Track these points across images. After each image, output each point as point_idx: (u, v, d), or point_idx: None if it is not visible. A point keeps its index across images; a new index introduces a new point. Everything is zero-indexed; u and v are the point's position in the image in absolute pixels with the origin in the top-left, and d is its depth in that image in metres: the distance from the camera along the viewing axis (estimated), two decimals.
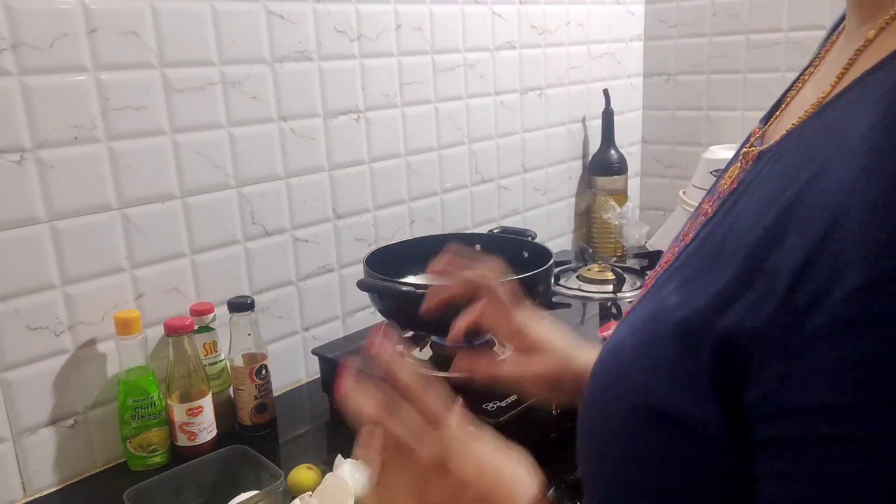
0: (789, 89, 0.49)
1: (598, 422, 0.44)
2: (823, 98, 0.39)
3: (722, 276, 0.35)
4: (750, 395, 0.32)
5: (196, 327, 0.95)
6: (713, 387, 0.34)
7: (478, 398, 0.89)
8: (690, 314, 0.36)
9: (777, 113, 0.48)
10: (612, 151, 1.64)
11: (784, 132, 0.41)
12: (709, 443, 0.35)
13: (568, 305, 1.24)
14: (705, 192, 0.51)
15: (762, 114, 0.50)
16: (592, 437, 0.45)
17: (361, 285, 0.96)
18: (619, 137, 1.68)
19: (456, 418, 0.47)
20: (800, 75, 0.49)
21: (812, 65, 0.48)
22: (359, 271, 1.09)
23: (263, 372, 1.00)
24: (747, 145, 0.47)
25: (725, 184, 0.46)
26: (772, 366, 0.31)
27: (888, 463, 0.27)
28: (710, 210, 0.46)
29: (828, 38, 0.49)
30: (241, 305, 0.98)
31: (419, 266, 1.17)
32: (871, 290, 0.27)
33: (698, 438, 0.35)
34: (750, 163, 0.44)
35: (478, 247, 1.19)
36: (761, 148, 0.44)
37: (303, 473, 0.84)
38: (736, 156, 0.49)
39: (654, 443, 0.38)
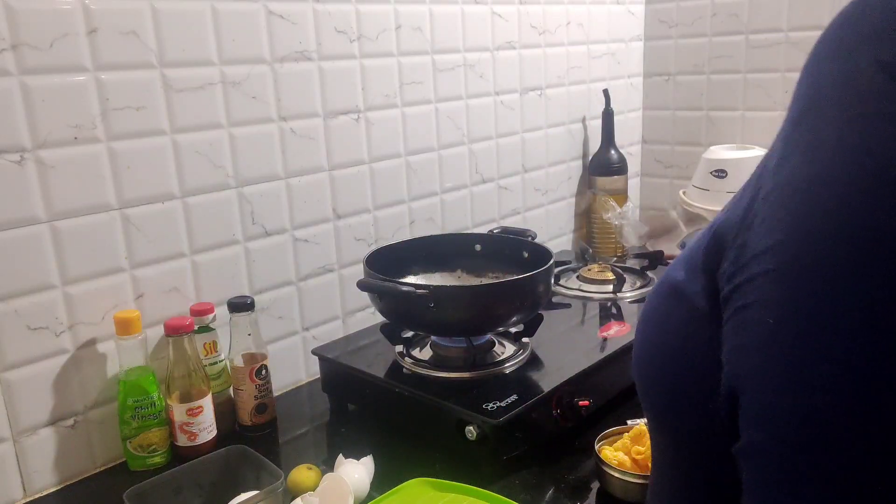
0: None
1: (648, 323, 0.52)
2: None
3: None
4: (724, 266, 0.42)
5: (196, 327, 0.95)
6: (703, 267, 0.44)
7: (477, 398, 0.89)
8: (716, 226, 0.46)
9: None
10: (612, 151, 1.64)
11: None
12: (696, 310, 0.44)
13: (568, 305, 1.24)
14: (706, 191, 0.52)
15: (762, 114, 0.51)
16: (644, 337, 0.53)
17: (361, 285, 0.96)
18: (619, 137, 1.68)
19: None
20: None
21: None
22: (359, 271, 1.09)
23: (263, 372, 1.00)
24: None
25: None
26: (738, 238, 0.41)
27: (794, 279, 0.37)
28: None
29: None
30: (241, 305, 0.98)
31: (419, 266, 1.17)
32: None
33: (690, 306, 0.45)
34: None
35: (478, 247, 1.19)
36: None
37: (303, 473, 0.85)
38: None
39: (666, 312, 0.48)
